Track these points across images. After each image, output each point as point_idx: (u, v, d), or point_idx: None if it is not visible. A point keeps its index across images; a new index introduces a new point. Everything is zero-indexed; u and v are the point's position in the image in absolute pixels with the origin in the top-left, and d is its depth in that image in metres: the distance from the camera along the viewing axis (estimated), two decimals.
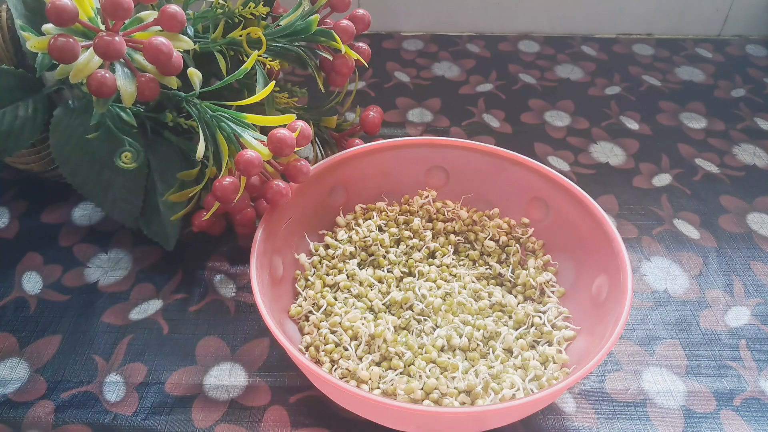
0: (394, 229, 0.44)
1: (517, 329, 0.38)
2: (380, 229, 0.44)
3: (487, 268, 0.42)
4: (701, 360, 0.40)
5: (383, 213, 0.45)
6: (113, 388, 0.37)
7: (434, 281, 0.41)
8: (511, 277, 0.42)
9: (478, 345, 0.37)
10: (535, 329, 0.38)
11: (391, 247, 0.43)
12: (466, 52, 0.69)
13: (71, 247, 0.46)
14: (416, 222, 0.44)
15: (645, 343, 0.41)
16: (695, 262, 0.46)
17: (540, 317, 0.39)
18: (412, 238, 0.44)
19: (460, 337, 0.37)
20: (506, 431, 0.35)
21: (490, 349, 0.37)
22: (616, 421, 0.36)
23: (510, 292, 0.41)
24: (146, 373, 0.38)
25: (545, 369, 0.36)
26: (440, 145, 0.44)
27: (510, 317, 0.39)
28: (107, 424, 0.36)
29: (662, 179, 0.53)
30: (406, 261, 0.42)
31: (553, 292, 0.41)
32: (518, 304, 0.40)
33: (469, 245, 0.44)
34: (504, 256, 0.43)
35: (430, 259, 0.43)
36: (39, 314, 0.41)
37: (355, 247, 0.42)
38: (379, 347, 0.36)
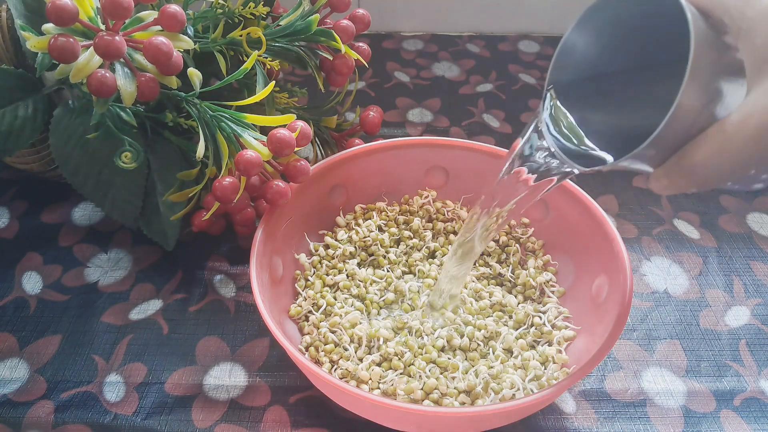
0: (394, 229, 0.44)
1: (517, 329, 0.38)
2: (380, 229, 0.44)
3: (487, 268, 0.42)
4: (701, 360, 0.40)
5: (383, 213, 0.45)
6: (113, 388, 0.37)
7: (434, 279, 0.41)
8: (511, 277, 0.42)
9: (478, 345, 0.37)
10: (535, 329, 0.38)
11: (391, 246, 0.43)
12: (466, 52, 0.69)
13: (71, 247, 0.46)
14: (416, 222, 0.44)
15: (645, 343, 0.41)
16: (695, 262, 0.46)
17: (540, 317, 0.39)
18: (412, 238, 0.44)
19: (461, 337, 0.37)
20: (506, 431, 0.35)
21: (490, 349, 0.37)
22: (616, 421, 0.36)
23: (510, 292, 0.41)
24: (146, 373, 0.38)
25: (545, 369, 0.36)
26: (440, 145, 0.44)
27: (510, 317, 0.39)
28: (107, 424, 0.36)
29: None
30: (407, 260, 0.42)
31: (553, 292, 0.41)
32: (518, 304, 0.40)
33: None
34: (504, 256, 0.43)
35: (430, 259, 0.43)
36: (39, 314, 0.41)
37: (355, 247, 0.43)
38: (379, 347, 0.36)
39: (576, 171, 0.28)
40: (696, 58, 0.22)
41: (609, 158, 0.26)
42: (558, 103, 0.28)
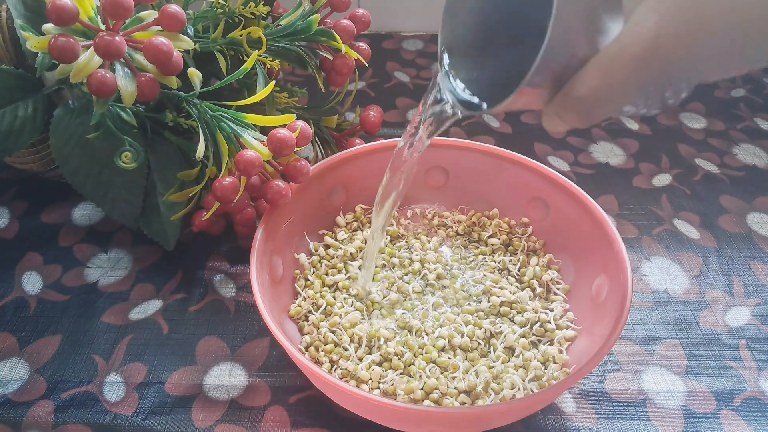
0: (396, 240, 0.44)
1: (524, 326, 0.38)
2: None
3: (496, 263, 0.42)
4: (701, 360, 0.40)
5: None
6: (113, 388, 0.37)
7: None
8: (517, 275, 0.42)
9: (479, 344, 0.37)
10: (540, 325, 0.38)
11: (393, 248, 0.43)
12: None
13: (71, 247, 0.46)
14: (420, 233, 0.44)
15: (645, 343, 0.41)
16: (695, 262, 0.46)
17: (546, 314, 0.39)
18: (415, 239, 0.44)
19: (462, 336, 0.37)
20: (506, 431, 0.35)
21: (492, 348, 0.37)
22: (616, 421, 0.36)
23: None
24: (146, 373, 0.38)
25: (545, 369, 0.36)
26: (440, 145, 0.44)
27: (519, 313, 0.39)
28: (107, 424, 0.36)
29: (662, 179, 0.53)
30: (410, 259, 0.42)
31: (559, 289, 0.41)
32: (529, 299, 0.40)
33: (474, 243, 0.44)
34: (508, 255, 0.43)
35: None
36: (39, 314, 0.41)
37: (356, 249, 0.43)
38: (379, 347, 0.36)
39: (460, 115, 0.30)
40: None
41: (484, 105, 0.27)
42: (450, 61, 0.29)
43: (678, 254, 0.47)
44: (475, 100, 0.28)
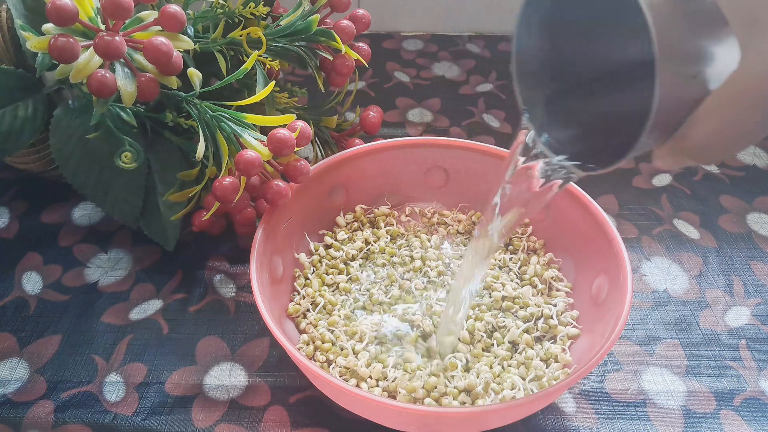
0: (395, 237, 0.44)
1: (527, 321, 0.38)
2: (379, 229, 0.44)
3: (497, 261, 0.42)
4: (701, 360, 0.40)
5: (388, 218, 0.45)
6: (113, 388, 0.37)
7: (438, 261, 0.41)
8: (518, 273, 0.42)
9: (482, 337, 0.37)
10: (543, 322, 0.38)
11: (392, 248, 0.43)
12: (466, 52, 0.69)
13: (71, 247, 0.46)
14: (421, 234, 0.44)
15: (645, 343, 0.41)
16: (695, 262, 0.46)
17: (550, 309, 0.39)
18: (416, 237, 0.44)
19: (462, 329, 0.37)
20: (506, 431, 0.35)
21: (495, 341, 0.37)
22: (616, 421, 0.36)
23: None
24: (146, 373, 0.38)
25: (547, 369, 0.36)
26: (440, 145, 0.44)
27: (521, 308, 0.39)
28: (107, 424, 0.36)
29: (662, 179, 0.53)
30: (411, 257, 0.42)
31: (561, 285, 0.41)
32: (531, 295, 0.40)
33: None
34: (508, 254, 0.43)
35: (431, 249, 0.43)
36: (39, 314, 0.41)
37: (357, 250, 0.43)
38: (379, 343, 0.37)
39: (576, 177, 0.27)
40: (657, 20, 0.19)
41: (598, 168, 0.24)
42: (535, 121, 0.26)
43: (678, 254, 0.47)
44: (568, 157, 0.25)
